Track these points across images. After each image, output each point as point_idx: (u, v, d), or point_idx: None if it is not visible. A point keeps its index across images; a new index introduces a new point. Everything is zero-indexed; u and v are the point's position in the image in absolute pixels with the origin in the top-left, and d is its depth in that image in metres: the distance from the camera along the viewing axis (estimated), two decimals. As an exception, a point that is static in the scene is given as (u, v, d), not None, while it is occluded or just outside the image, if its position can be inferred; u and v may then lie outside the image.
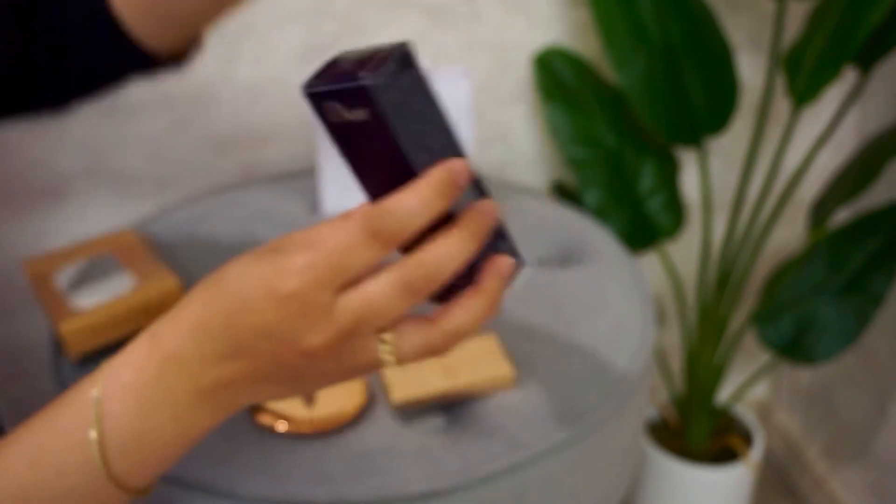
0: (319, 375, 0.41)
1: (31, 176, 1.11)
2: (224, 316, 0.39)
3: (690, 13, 1.07)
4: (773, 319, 1.24)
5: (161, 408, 0.40)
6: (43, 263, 0.84)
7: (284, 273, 0.38)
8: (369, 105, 0.39)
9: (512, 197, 1.04)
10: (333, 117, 0.40)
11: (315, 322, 0.38)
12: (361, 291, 0.38)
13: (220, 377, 0.40)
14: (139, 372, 0.40)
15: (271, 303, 0.38)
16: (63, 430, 0.40)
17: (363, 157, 0.41)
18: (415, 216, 0.37)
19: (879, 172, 1.00)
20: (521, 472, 0.66)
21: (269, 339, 0.39)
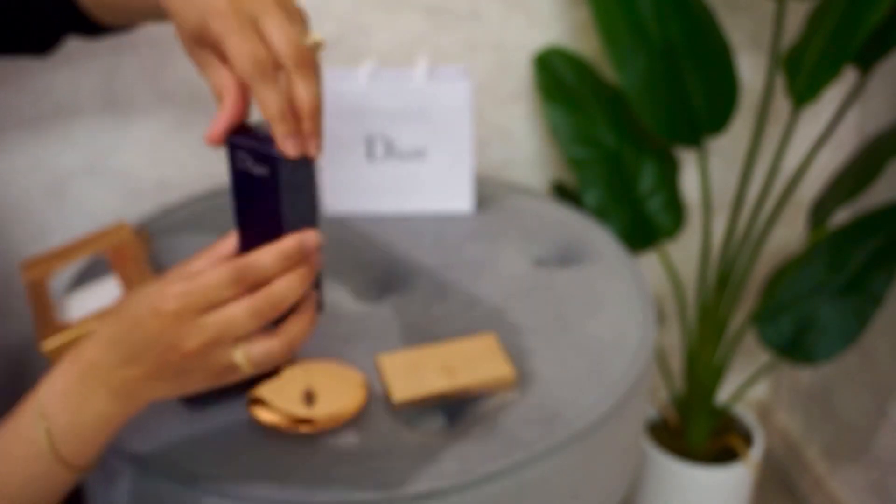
0: (197, 374, 0.54)
1: (31, 175, 1.11)
2: (123, 331, 0.54)
3: (690, 13, 1.07)
4: (772, 319, 1.24)
5: (85, 405, 0.55)
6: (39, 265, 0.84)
7: (165, 297, 0.52)
8: (272, 167, 0.53)
9: (512, 197, 1.04)
10: (240, 165, 0.54)
11: (187, 332, 0.52)
12: (223, 312, 0.52)
13: (124, 378, 0.54)
14: (67, 380, 0.55)
15: (155, 319, 0.52)
16: (20, 433, 0.55)
17: (248, 204, 0.55)
18: (269, 272, 0.52)
19: (879, 172, 1.00)
20: (521, 472, 0.66)
21: (156, 345, 0.53)
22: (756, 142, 1.11)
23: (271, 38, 0.53)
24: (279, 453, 0.66)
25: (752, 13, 1.24)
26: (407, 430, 0.69)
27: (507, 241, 0.94)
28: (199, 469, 0.65)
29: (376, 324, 0.81)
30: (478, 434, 0.68)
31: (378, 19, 1.11)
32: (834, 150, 1.38)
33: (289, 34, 0.53)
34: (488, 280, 0.87)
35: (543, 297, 0.85)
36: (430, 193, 0.99)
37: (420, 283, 0.87)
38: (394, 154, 0.97)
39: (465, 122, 0.95)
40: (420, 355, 0.75)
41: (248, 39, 0.52)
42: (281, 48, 0.53)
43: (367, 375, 0.73)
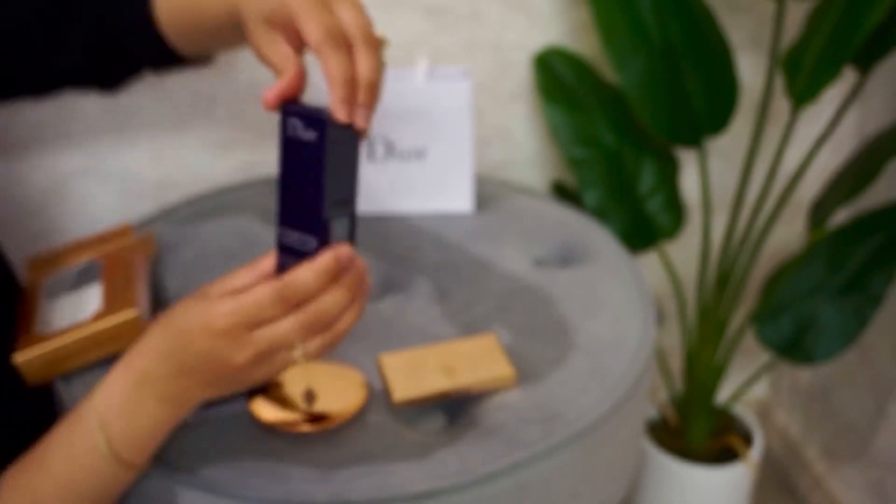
0: (248, 380, 0.59)
1: (32, 175, 1.11)
2: (174, 346, 0.57)
3: (690, 13, 1.07)
4: (772, 319, 1.24)
5: (139, 411, 0.59)
6: (41, 265, 0.84)
7: (214, 315, 0.56)
8: (320, 131, 0.56)
9: (512, 197, 1.04)
10: (290, 132, 0.57)
11: (238, 348, 0.56)
12: (273, 327, 0.56)
13: (175, 388, 0.59)
14: (121, 388, 0.59)
15: (205, 335, 0.56)
16: (80, 441, 0.60)
17: (292, 172, 0.58)
18: (310, 289, 0.56)
19: (879, 172, 1.00)
20: (521, 472, 0.66)
21: (207, 361, 0.57)
22: (756, 142, 1.11)
23: (342, 16, 0.59)
24: (279, 452, 0.66)
25: (752, 13, 1.24)
26: (407, 429, 0.69)
27: (507, 241, 0.94)
28: (200, 468, 0.65)
29: (376, 324, 0.81)
30: (478, 434, 0.68)
31: (378, 19, 1.11)
32: (833, 151, 1.38)
33: (359, 16, 0.60)
34: (488, 280, 0.87)
35: (543, 297, 0.85)
36: (431, 193, 0.99)
37: (420, 283, 0.87)
38: (394, 154, 0.97)
39: (465, 122, 0.95)
40: (420, 355, 0.75)
41: (323, 13, 0.58)
42: (351, 25, 0.59)
43: (367, 375, 0.73)
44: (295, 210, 0.58)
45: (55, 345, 0.71)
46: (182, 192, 1.16)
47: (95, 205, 1.14)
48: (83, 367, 0.74)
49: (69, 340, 0.72)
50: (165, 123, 1.12)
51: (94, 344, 0.72)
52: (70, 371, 0.74)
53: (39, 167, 1.10)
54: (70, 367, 0.73)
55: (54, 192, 1.12)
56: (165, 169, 1.15)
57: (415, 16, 1.12)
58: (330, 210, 0.58)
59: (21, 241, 1.13)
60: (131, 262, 0.80)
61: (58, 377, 0.74)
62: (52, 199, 1.13)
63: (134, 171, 1.14)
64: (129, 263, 0.80)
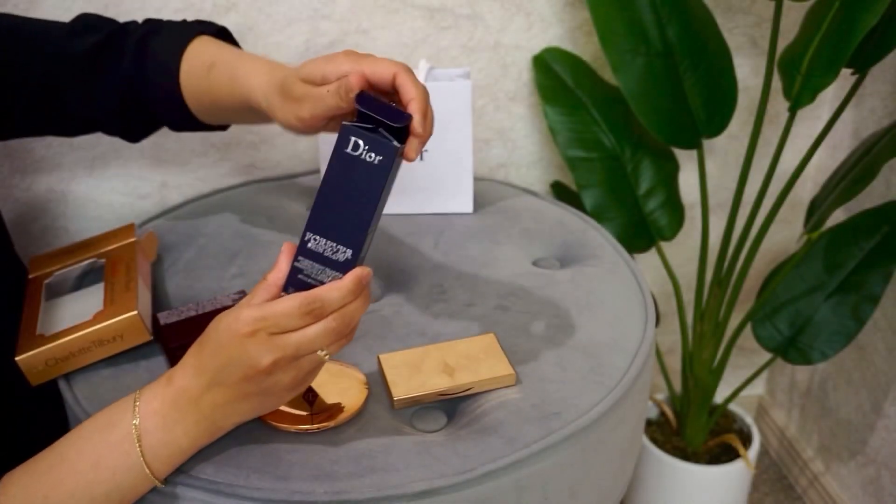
0: (278, 387, 0.61)
1: (33, 176, 1.11)
2: (209, 355, 0.60)
3: (689, 15, 1.07)
4: (770, 319, 1.24)
5: (177, 427, 0.61)
6: (44, 265, 0.85)
7: (240, 321, 0.58)
8: (388, 157, 0.58)
9: (512, 197, 1.05)
10: (350, 149, 0.59)
11: (264, 351, 0.58)
12: (300, 333, 0.58)
13: (213, 400, 0.61)
14: (161, 402, 0.61)
15: (234, 340, 0.58)
16: (114, 444, 0.61)
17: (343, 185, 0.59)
18: (335, 306, 0.59)
19: (876, 173, 1.00)
20: (521, 471, 0.67)
21: (236, 366, 0.59)
22: (754, 142, 1.12)
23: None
24: (280, 451, 0.66)
25: (750, 15, 1.24)
26: (407, 428, 0.70)
27: (506, 241, 0.94)
28: (201, 467, 0.65)
29: (376, 323, 0.81)
30: (477, 433, 0.69)
31: (378, 20, 1.12)
32: (831, 151, 1.39)
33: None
34: (488, 280, 0.87)
35: (543, 297, 0.85)
36: (431, 194, 0.99)
37: (420, 282, 0.87)
38: (394, 154, 0.98)
39: (465, 122, 0.95)
40: (420, 354, 0.75)
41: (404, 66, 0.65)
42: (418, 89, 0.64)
43: (367, 374, 0.74)
44: (333, 220, 0.60)
45: (57, 344, 0.72)
46: (182, 192, 1.17)
47: (97, 205, 1.15)
48: (85, 366, 0.74)
49: (70, 340, 0.72)
50: (166, 123, 1.13)
51: (96, 343, 0.73)
52: (72, 370, 0.74)
53: (42, 168, 1.11)
54: (72, 366, 0.73)
55: (56, 192, 1.13)
56: (166, 169, 1.15)
57: (415, 17, 1.12)
58: (371, 227, 0.60)
59: (24, 241, 1.14)
60: (132, 263, 0.81)
61: (60, 376, 0.74)
62: (54, 199, 1.13)
63: (135, 172, 1.14)
64: (130, 263, 0.81)
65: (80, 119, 0.84)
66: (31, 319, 0.76)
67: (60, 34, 0.81)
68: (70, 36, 0.81)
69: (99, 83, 0.81)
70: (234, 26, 1.08)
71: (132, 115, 0.83)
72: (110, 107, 0.82)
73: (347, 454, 0.66)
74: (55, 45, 0.80)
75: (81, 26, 0.82)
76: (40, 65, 0.79)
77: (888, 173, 1.26)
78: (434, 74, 0.98)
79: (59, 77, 0.80)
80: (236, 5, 1.07)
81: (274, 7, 1.08)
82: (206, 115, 0.82)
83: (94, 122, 0.85)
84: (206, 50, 0.79)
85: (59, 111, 0.82)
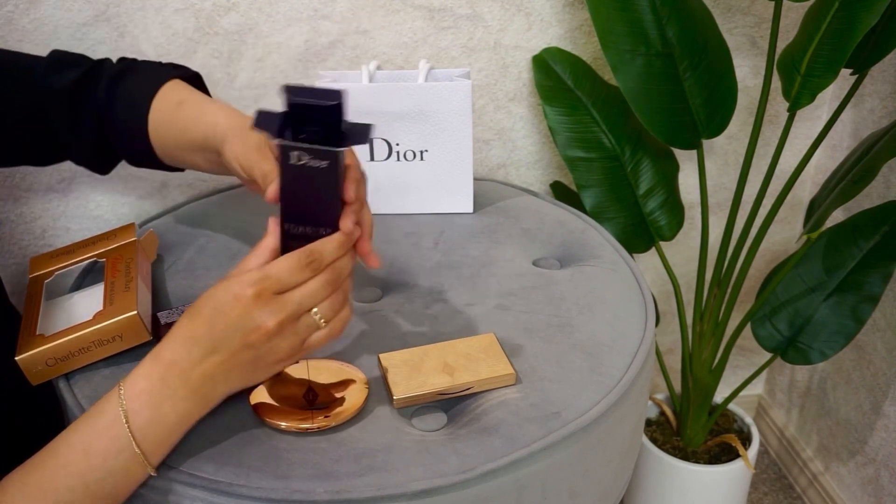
0: (273, 355, 0.61)
1: (34, 176, 1.11)
2: (205, 324, 0.59)
3: (688, 15, 1.07)
4: (769, 319, 1.25)
5: (166, 404, 0.60)
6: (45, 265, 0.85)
7: (245, 283, 0.59)
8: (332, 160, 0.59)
9: (512, 197, 1.05)
10: (293, 160, 0.59)
11: (269, 311, 0.59)
12: (301, 289, 0.60)
13: (205, 372, 0.60)
14: (148, 379, 0.60)
15: (237, 304, 0.58)
16: (102, 429, 0.60)
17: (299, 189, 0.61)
18: (332, 257, 0.61)
19: (875, 173, 1.01)
20: (521, 470, 0.67)
21: (239, 329, 0.59)
22: (753, 143, 1.12)
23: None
24: (280, 450, 0.66)
25: (750, 15, 1.24)
26: (407, 428, 0.70)
27: (506, 241, 0.95)
28: (201, 466, 0.65)
29: (377, 323, 0.81)
30: (477, 432, 0.69)
31: (378, 20, 1.12)
32: (830, 152, 1.39)
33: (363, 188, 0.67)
34: (488, 280, 0.88)
35: (543, 297, 0.85)
36: (431, 194, 0.99)
37: (420, 282, 0.87)
38: (395, 155, 0.98)
39: (465, 123, 0.96)
40: (420, 354, 0.75)
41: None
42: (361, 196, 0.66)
43: (367, 374, 0.74)
44: (304, 211, 0.62)
45: (57, 344, 0.72)
46: (182, 192, 1.17)
47: (97, 205, 1.15)
48: (85, 366, 0.75)
49: (70, 340, 0.72)
50: (167, 123, 1.13)
51: (96, 343, 0.73)
52: (72, 370, 0.74)
53: (42, 168, 1.11)
54: (72, 366, 0.74)
55: (57, 192, 1.13)
56: (166, 168, 1.15)
57: (415, 17, 1.13)
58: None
59: (24, 241, 1.14)
60: (133, 262, 0.81)
61: (60, 376, 0.74)
62: (54, 199, 1.13)
63: (135, 172, 1.14)
64: (130, 263, 0.81)
65: (57, 150, 0.86)
66: (30, 319, 0.76)
67: (40, 69, 0.83)
68: (49, 71, 0.83)
69: (80, 117, 0.83)
70: (234, 26, 1.08)
71: (99, 148, 0.86)
72: (88, 140, 0.84)
73: (347, 453, 0.66)
74: (37, 79, 0.82)
75: (59, 62, 0.84)
76: (24, 98, 0.81)
77: (887, 173, 1.26)
78: (434, 74, 0.98)
79: (43, 111, 0.82)
80: (236, 5, 1.07)
81: (274, 7, 1.08)
82: (165, 153, 0.84)
83: (68, 153, 0.87)
84: (179, 90, 0.82)
85: (38, 141, 0.84)
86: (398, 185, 0.99)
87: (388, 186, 0.99)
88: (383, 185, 0.99)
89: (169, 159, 0.85)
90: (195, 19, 1.07)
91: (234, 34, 1.09)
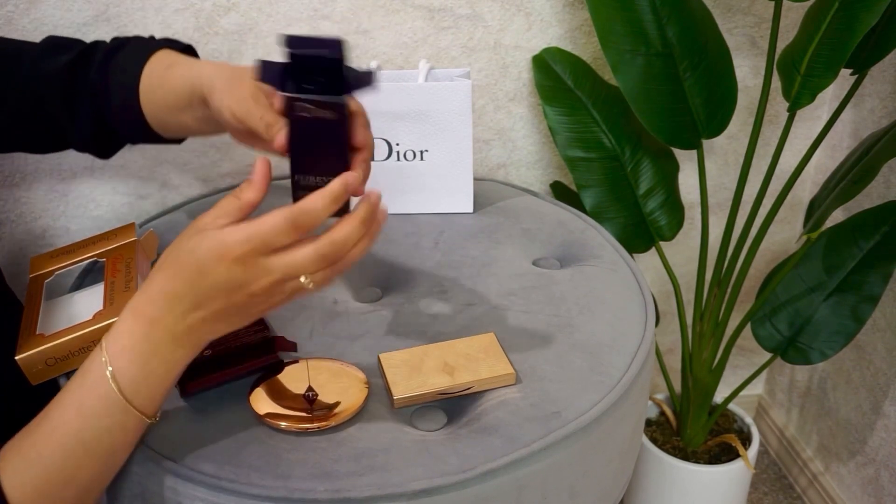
0: (257, 308, 0.60)
1: (34, 176, 1.11)
2: (187, 282, 0.58)
3: (688, 15, 1.07)
4: (769, 319, 1.25)
5: (152, 357, 0.60)
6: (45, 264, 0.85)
7: (228, 245, 0.56)
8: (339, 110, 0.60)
9: (512, 197, 1.05)
10: (299, 111, 0.60)
11: (254, 275, 0.57)
12: (290, 255, 0.57)
13: (189, 325, 0.59)
14: (131, 336, 0.60)
15: (222, 265, 0.57)
16: (90, 389, 0.59)
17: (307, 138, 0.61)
18: (321, 214, 0.58)
19: (875, 173, 1.01)
20: (521, 470, 0.67)
21: (223, 289, 0.58)
22: (754, 142, 1.12)
23: None
24: (280, 450, 0.67)
25: (750, 15, 1.24)
26: (407, 427, 0.70)
27: (506, 241, 0.95)
28: (201, 465, 0.65)
29: (377, 323, 0.81)
30: (477, 432, 0.69)
31: (378, 20, 1.12)
32: (830, 152, 1.39)
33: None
34: (488, 280, 0.88)
35: (543, 297, 0.85)
36: (431, 194, 0.99)
37: (420, 283, 0.87)
38: (395, 155, 0.98)
39: (465, 123, 0.96)
40: (420, 354, 0.75)
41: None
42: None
43: (367, 374, 0.74)
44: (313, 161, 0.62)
45: (56, 344, 0.72)
46: (182, 192, 1.17)
47: (97, 205, 1.15)
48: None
49: (70, 340, 0.72)
50: (167, 123, 1.13)
51: (96, 343, 0.73)
52: (72, 370, 0.74)
53: (42, 168, 1.11)
54: (72, 365, 0.74)
55: (56, 192, 1.13)
56: (166, 169, 1.15)
57: (415, 17, 1.13)
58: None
59: (24, 241, 1.14)
60: (133, 262, 0.81)
61: (60, 376, 0.74)
62: (54, 199, 1.13)
63: (135, 172, 1.14)
64: (130, 263, 0.81)
65: (57, 136, 0.86)
66: (31, 319, 0.76)
67: (33, 54, 0.82)
68: (43, 56, 0.82)
69: (75, 100, 0.83)
70: (234, 26, 1.08)
71: (98, 130, 0.85)
72: (86, 121, 0.84)
73: (347, 453, 0.66)
74: (30, 64, 0.82)
75: (52, 46, 0.83)
76: (18, 83, 0.81)
77: (887, 173, 1.26)
78: (434, 74, 0.98)
79: (38, 95, 0.82)
80: (236, 5, 1.07)
81: (274, 7, 1.08)
82: (156, 119, 0.82)
83: (69, 139, 0.87)
84: (169, 56, 0.81)
85: (37, 127, 0.84)
86: (398, 185, 0.99)
87: (388, 186, 0.99)
88: (383, 184, 0.99)
89: (161, 126, 0.82)
90: (195, 19, 1.07)
91: (234, 34, 1.09)
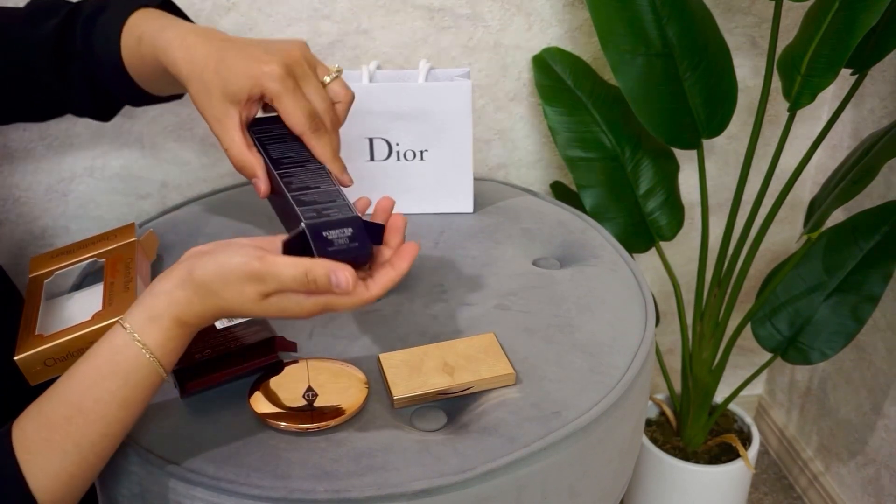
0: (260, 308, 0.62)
1: (34, 176, 1.11)
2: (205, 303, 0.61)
3: (689, 15, 1.07)
4: (769, 319, 1.25)
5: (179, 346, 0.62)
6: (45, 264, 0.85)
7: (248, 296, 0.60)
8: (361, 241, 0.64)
9: (512, 197, 1.05)
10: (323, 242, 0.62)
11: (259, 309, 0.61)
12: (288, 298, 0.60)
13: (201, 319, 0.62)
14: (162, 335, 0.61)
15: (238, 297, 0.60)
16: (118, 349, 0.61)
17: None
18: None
19: (875, 173, 1.01)
20: (520, 470, 0.67)
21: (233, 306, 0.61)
22: (754, 142, 1.12)
23: (312, 100, 0.70)
24: (280, 450, 0.67)
25: (750, 15, 1.24)
26: (407, 427, 0.70)
27: (506, 241, 0.95)
28: (202, 465, 0.65)
29: (376, 323, 0.81)
30: (477, 432, 0.69)
31: (378, 20, 1.12)
32: (830, 152, 1.39)
33: (323, 95, 0.71)
34: (488, 280, 0.88)
35: (543, 297, 0.85)
36: (431, 194, 0.99)
37: (420, 282, 0.87)
38: (395, 155, 0.98)
39: (465, 123, 0.96)
40: (420, 354, 0.75)
41: (301, 99, 0.69)
42: (321, 110, 0.70)
43: (367, 374, 0.74)
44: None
45: (55, 344, 0.72)
46: (182, 192, 1.17)
47: (97, 205, 1.15)
48: None
49: (70, 340, 0.72)
50: (166, 123, 1.13)
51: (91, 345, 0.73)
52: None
53: (42, 168, 1.11)
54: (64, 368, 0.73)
55: (56, 192, 1.13)
56: (166, 169, 1.15)
57: (415, 17, 1.13)
58: None
59: (24, 241, 1.14)
60: (132, 262, 0.81)
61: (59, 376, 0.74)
62: (54, 199, 1.13)
63: (135, 172, 1.14)
64: (130, 263, 0.81)
65: (52, 102, 0.85)
66: (30, 319, 0.76)
67: (19, 20, 0.81)
68: (30, 21, 0.81)
69: (66, 65, 0.82)
70: (234, 26, 1.08)
71: (93, 92, 0.84)
72: (80, 86, 0.83)
73: (347, 453, 0.66)
74: (17, 30, 0.81)
75: (39, 10, 0.82)
76: (6, 49, 0.80)
77: (888, 173, 1.26)
78: (434, 74, 0.98)
79: (29, 61, 0.81)
80: (236, 5, 1.07)
81: (274, 7, 1.08)
82: (150, 87, 0.82)
83: (65, 104, 0.86)
84: (138, 24, 0.78)
85: (31, 95, 0.83)
86: (398, 185, 0.99)
87: (388, 186, 0.99)
88: (383, 184, 0.99)
89: (155, 89, 0.82)
90: (195, 19, 1.07)
91: (233, 34, 1.08)
